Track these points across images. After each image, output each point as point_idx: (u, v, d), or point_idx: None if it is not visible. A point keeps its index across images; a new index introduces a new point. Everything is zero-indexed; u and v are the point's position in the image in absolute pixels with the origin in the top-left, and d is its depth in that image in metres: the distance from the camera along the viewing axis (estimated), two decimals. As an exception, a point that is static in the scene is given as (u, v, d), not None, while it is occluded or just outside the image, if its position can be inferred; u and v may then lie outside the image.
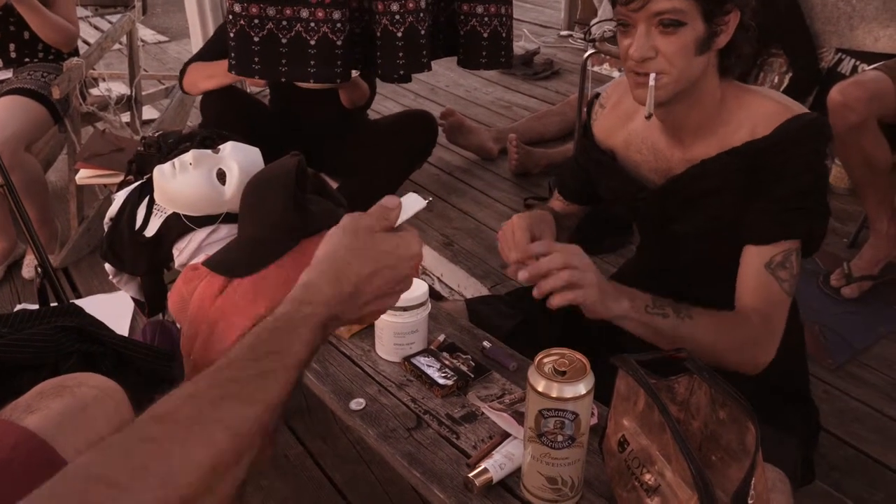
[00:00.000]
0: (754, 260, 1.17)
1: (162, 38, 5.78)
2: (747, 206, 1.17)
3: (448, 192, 2.80)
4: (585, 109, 1.45)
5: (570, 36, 4.69)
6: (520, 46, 4.48)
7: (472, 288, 2.23)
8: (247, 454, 0.64)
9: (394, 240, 0.81)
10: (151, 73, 4.58)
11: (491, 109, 3.63)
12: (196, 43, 3.36)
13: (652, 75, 1.11)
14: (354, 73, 2.36)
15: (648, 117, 1.15)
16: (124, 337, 1.37)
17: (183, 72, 2.53)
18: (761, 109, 1.17)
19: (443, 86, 3.93)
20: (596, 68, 3.86)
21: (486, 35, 2.05)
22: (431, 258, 2.40)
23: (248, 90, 3.09)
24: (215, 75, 2.41)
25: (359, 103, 2.58)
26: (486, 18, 2.04)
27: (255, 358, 0.69)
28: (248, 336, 0.71)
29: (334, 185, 2.74)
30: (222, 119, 2.40)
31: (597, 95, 1.41)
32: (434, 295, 2.37)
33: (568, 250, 1.10)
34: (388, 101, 3.65)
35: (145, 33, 5.81)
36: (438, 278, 2.39)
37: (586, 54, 2.77)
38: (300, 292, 0.76)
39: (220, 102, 2.48)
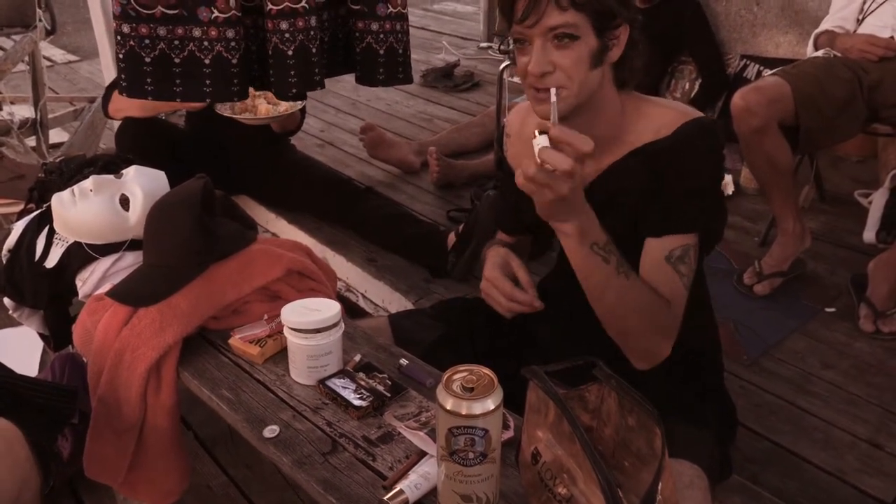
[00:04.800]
0: (654, 252, 1.19)
1: (73, 57, 5.57)
2: (651, 204, 1.21)
3: (371, 207, 2.77)
4: (497, 140, 1.47)
5: (490, 47, 4.75)
6: (440, 59, 4.51)
7: (397, 303, 2.22)
8: None
9: None
10: (61, 94, 4.42)
11: (412, 122, 3.63)
12: (106, 64, 3.24)
13: (553, 90, 1.13)
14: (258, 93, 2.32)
15: None
16: (21, 375, 1.31)
17: (107, 97, 2.44)
18: (662, 119, 1.21)
19: (364, 100, 3.92)
20: (514, 79, 3.91)
21: (382, 52, 2.03)
22: (355, 275, 2.38)
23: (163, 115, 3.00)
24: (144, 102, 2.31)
25: (289, 128, 2.56)
26: (381, 35, 2.02)
27: None
28: None
29: (259, 208, 2.70)
30: (139, 144, 2.32)
31: (503, 127, 1.44)
32: (359, 312, 2.35)
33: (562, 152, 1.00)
34: (309, 117, 3.59)
35: (55, 53, 5.60)
36: (363, 294, 2.36)
37: (502, 65, 2.80)
38: None
39: (135, 127, 2.40)
